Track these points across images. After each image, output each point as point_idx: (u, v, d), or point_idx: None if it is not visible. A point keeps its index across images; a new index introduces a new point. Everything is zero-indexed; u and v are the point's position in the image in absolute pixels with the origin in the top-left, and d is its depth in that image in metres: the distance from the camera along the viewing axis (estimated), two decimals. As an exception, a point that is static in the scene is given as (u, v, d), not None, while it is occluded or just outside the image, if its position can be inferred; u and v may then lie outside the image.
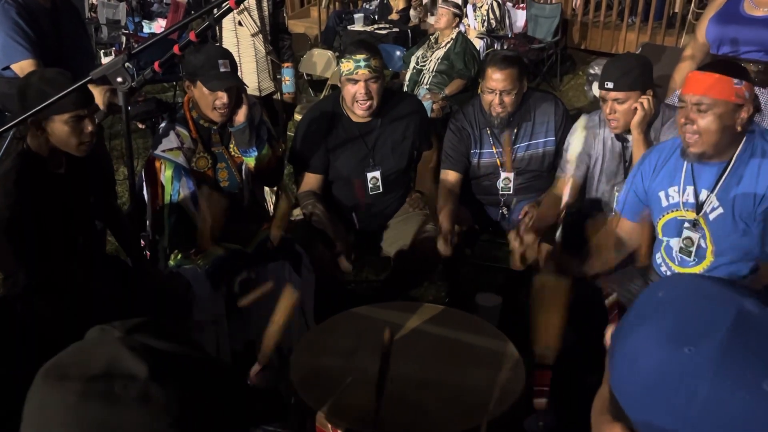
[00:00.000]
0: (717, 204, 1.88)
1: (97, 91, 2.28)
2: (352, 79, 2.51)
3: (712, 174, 1.90)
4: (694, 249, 1.94)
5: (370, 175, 2.69)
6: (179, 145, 2.33)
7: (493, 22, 6.52)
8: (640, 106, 2.25)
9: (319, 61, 5.70)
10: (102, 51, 6.38)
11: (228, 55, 2.31)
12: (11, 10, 2.51)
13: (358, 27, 7.24)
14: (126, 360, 0.72)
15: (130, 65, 1.93)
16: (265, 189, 3.12)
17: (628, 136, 2.39)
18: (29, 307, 1.98)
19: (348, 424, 1.61)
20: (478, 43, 5.36)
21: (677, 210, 1.97)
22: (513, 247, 2.32)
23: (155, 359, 0.73)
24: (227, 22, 3.30)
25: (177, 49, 1.83)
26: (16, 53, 2.51)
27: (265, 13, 3.37)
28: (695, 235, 1.93)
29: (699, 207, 1.92)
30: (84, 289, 2.08)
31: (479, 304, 2.69)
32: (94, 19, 7.57)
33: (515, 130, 2.73)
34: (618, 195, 2.39)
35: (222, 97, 2.26)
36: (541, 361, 1.54)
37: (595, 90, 6.01)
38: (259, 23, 3.35)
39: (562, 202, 2.52)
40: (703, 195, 1.91)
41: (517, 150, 2.75)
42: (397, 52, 6.03)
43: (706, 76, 1.80)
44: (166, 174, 2.32)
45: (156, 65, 1.85)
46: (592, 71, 6.24)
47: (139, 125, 2.67)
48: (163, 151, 2.31)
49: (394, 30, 7.01)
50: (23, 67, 2.47)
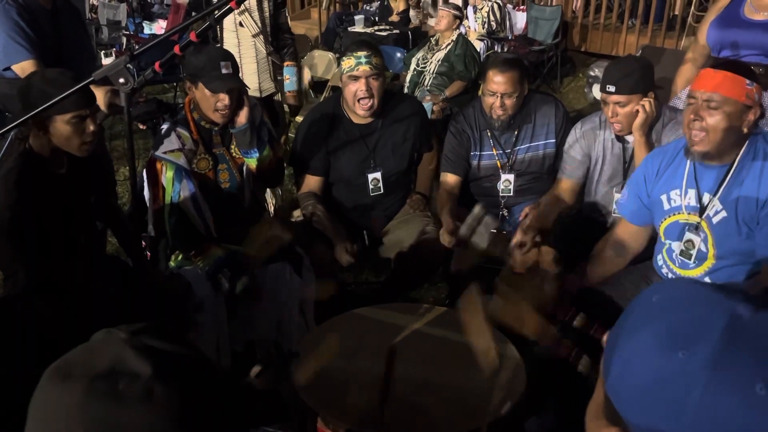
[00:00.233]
0: (720, 207, 1.88)
1: (99, 92, 2.28)
2: (354, 76, 2.51)
3: (714, 177, 1.89)
4: (694, 252, 1.93)
5: (371, 176, 2.70)
6: (180, 147, 2.33)
7: (493, 24, 6.53)
8: (642, 109, 2.25)
9: (320, 62, 5.71)
10: (102, 52, 6.38)
11: (230, 57, 2.31)
12: (12, 10, 2.51)
13: (358, 28, 7.24)
14: (130, 359, 0.73)
15: (131, 66, 1.94)
16: (267, 190, 3.13)
17: (628, 138, 2.39)
18: (29, 307, 1.97)
19: (349, 425, 1.61)
20: (479, 45, 5.38)
21: (679, 213, 1.97)
22: (515, 241, 2.32)
23: (159, 359, 0.74)
24: (228, 22, 3.30)
25: (178, 50, 1.83)
26: (17, 54, 2.50)
27: (266, 14, 3.37)
28: (697, 239, 1.92)
29: (701, 210, 1.92)
30: (84, 289, 2.08)
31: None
32: (95, 19, 7.59)
33: (516, 131, 2.73)
34: (618, 197, 2.40)
35: (224, 98, 2.26)
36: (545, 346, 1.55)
37: (596, 92, 6.02)
38: (260, 24, 3.35)
39: (562, 203, 2.53)
40: (705, 198, 1.91)
41: (518, 152, 2.75)
42: (398, 54, 6.04)
43: (718, 74, 1.79)
44: (167, 175, 2.31)
45: (157, 66, 1.85)
46: (592, 73, 6.25)
47: (140, 126, 2.66)
48: (164, 153, 2.31)
49: (394, 32, 7.02)
50: (24, 67, 2.47)
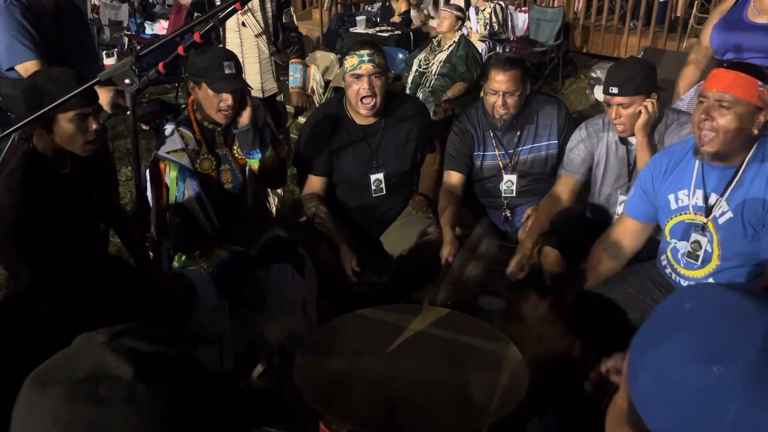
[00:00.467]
0: (726, 208, 1.87)
1: (102, 93, 2.28)
2: (357, 75, 2.51)
3: (722, 178, 1.89)
4: (701, 253, 1.93)
5: (373, 177, 2.70)
6: (183, 147, 2.33)
7: (495, 26, 6.53)
8: (644, 110, 2.25)
9: (322, 63, 5.71)
10: (104, 52, 6.39)
11: (233, 57, 2.31)
12: (15, 10, 2.51)
13: (360, 29, 7.24)
14: (110, 362, 0.72)
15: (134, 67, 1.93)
16: (268, 190, 3.13)
17: (631, 140, 2.39)
18: (32, 307, 1.97)
19: (351, 425, 1.61)
20: (480, 47, 5.38)
21: (686, 213, 1.97)
22: (521, 238, 2.32)
23: (140, 360, 0.73)
24: (231, 22, 3.29)
25: (181, 50, 1.83)
26: (21, 54, 2.51)
27: (269, 14, 3.37)
28: (703, 239, 1.92)
29: (708, 211, 1.91)
30: (85, 290, 2.07)
31: (482, 307, 2.69)
32: (97, 20, 7.60)
33: (518, 132, 2.73)
34: (622, 199, 2.40)
35: (227, 98, 2.26)
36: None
37: (597, 94, 6.02)
38: (262, 24, 3.35)
39: (562, 202, 2.53)
40: (712, 199, 1.90)
41: (520, 152, 2.75)
42: (399, 55, 6.04)
43: (731, 74, 1.78)
44: (170, 175, 2.32)
45: (161, 66, 1.84)
46: (593, 75, 6.25)
47: (143, 126, 2.67)
48: (168, 153, 2.31)
49: (396, 33, 7.01)
50: (28, 67, 2.47)
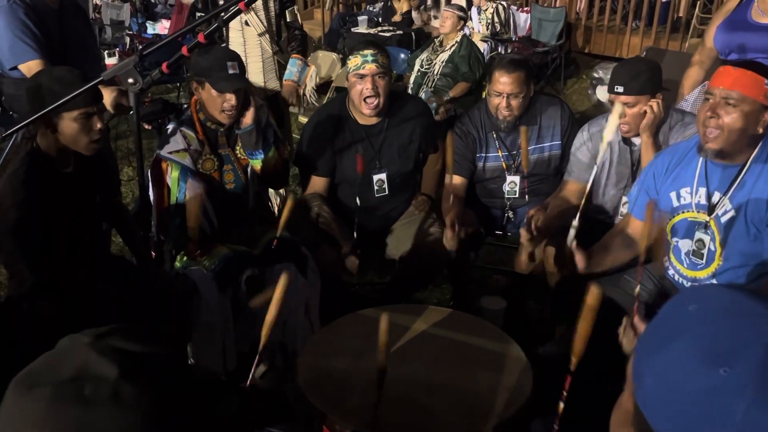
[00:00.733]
0: (729, 207, 1.87)
1: (105, 92, 2.28)
2: (360, 75, 2.51)
3: (725, 176, 1.89)
4: (706, 252, 1.93)
5: (376, 177, 2.69)
6: (186, 147, 2.33)
7: (497, 26, 6.53)
8: (650, 110, 2.25)
9: (324, 63, 5.71)
10: (106, 52, 6.40)
11: (236, 57, 2.31)
12: (19, 10, 2.51)
13: (361, 29, 7.24)
14: (95, 363, 0.72)
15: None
16: (270, 191, 3.13)
17: (635, 140, 2.39)
18: (34, 307, 1.97)
19: (354, 426, 1.61)
20: (482, 47, 5.37)
21: (689, 211, 1.96)
22: (523, 240, 2.31)
23: (126, 360, 0.73)
24: (234, 21, 3.29)
25: (185, 51, 1.83)
26: (24, 53, 2.51)
27: (272, 13, 3.37)
28: (707, 238, 1.92)
29: (711, 209, 1.91)
30: (85, 289, 2.07)
31: (484, 307, 2.70)
32: (98, 19, 7.60)
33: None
34: (625, 199, 2.39)
35: (230, 98, 2.26)
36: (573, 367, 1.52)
37: (599, 94, 6.02)
38: (265, 23, 3.35)
39: (571, 205, 2.52)
40: (715, 197, 1.90)
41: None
42: (401, 55, 6.03)
43: (738, 72, 1.78)
44: (172, 175, 2.31)
45: (164, 66, 1.85)
46: (596, 75, 6.25)
47: (146, 126, 2.67)
48: (170, 153, 2.31)
49: (397, 33, 7.01)
50: (31, 67, 2.47)
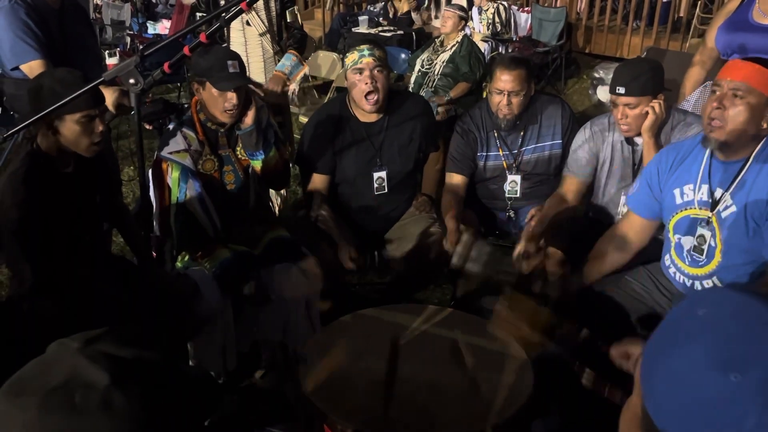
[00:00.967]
0: (730, 203, 1.87)
1: (107, 92, 2.28)
2: (358, 69, 2.52)
3: (728, 173, 1.88)
4: (706, 247, 1.92)
5: (376, 175, 2.69)
6: (186, 147, 2.32)
7: (498, 26, 6.53)
8: (651, 111, 2.24)
9: (324, 63, 5.70)
10: (106, 52, 6.39)
11: (237, 57, 2.31)
12: (20, 10, 2.51)
13: (362, 29, 7.24)
14: (85, 369, 0.72)
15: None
16: (270, 191, 3.13)
17: (637, 140, 2.38)
18: (35, 307, 1.97)
19: (355, 426, 1.61)
20: (483, 47, 5.37)
21: (691, 208, 1.96)
22: (518, 250, 2.33)
23: (116, 366, 0.72)
24: (235, 22, 3.29)
25: (187, 51, 1.83)
26: (26, 53, 2.51)
27: (273, 13, 3.37)
28: (708, 233, 1.92)
29: (713, 205, 1.91)
30: (86, 289, 2.07)
31: (485, 308, 2.69)
32: (99, 19, 7.61)
33: (522, 132, 2.73)
34: (626, 199, 2.39)
35: (231, 97, 2.25)
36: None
37: (600, 94, 6.02)
38: (266, 23, 3.35)
39: (567, 203, 2.52)
40: (717, 193, 1.90)
41: (524, 152, 2.75)
42: (402, 55, 6.03)
43: (747, 65, 1.79)
44: (172, 176, 2.31)
45: (166, 66, 1.84)
46: (596, 75, 6.25)
47: (147, 126, 2.67)
48: (170, 153, 2.31)
49: (398, 32, 7.01)
50: (32, 67, 2.47)
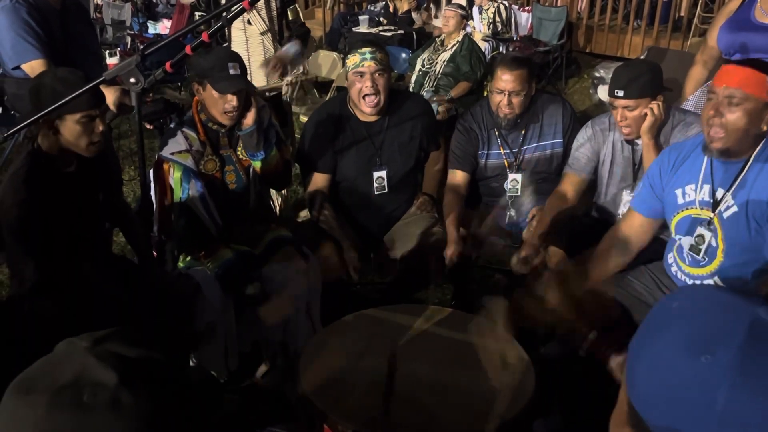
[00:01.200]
0: (732, 202, 1.87)
1: (108, 92, 2.28)
2: (359, 73, 2.51)
3: (729, 173, 1.88)
4: (704, 247, 1.92)
5: (376, 174, 2.69)
6: (187, 148, 2.32)
7: (499, 25, 6.52)
8: (650, 112, 2.24)
9: (324, 62, 5.70)
10: (107, 51, 6.39)
11: (237, 58, 2.30)
12: (22, 9, 2.52)
13: (363, 29, 7.25)
14: (94, 369, 0.72)
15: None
16: (271, 190, 3.13)
17: (637, 140, 2.38)
18: (36, 306, 1.97)
19: (356, 426, 1.61)
20: (483, 46, 5.36)
21: (692, 208, 1.96)
22: (520, 254, 2.34)
23: (125, 366, 0.72)
24: (236, 21, 3.29)
25: (189, 50, 1.83)
26: (27, 53, 2.51)
27: (274, 12, 3.37)
28: (707, 233, 1.91)
29: (714, 205, 1.91)
30: (86, 289, 2.07)
31: (486, 307, 2.68)
32: (100, 19, 7.61)
33: (523, 131, 2.73)
34: (628, 199, 2.39)
35: (231, 100, 2.25)
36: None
37: (601, 93, 6.01)
38: (267, 22, 3.34)
39: (567, 200, 2.52)
40: (719, 193, 1.90)
41: (525, 151, 2.75)
42: (402, 55, 6.03)
43: (741, 70, 1.77)
44: (174, 176, 2.31)
45: (168, 66, 1.84)
46: (597, 74, 6.25)
47: (147, 126, 2.66)
48: (171, 154, 2.31)
49: (399, 32, 7.01)
50: (34, 66, 2.48)
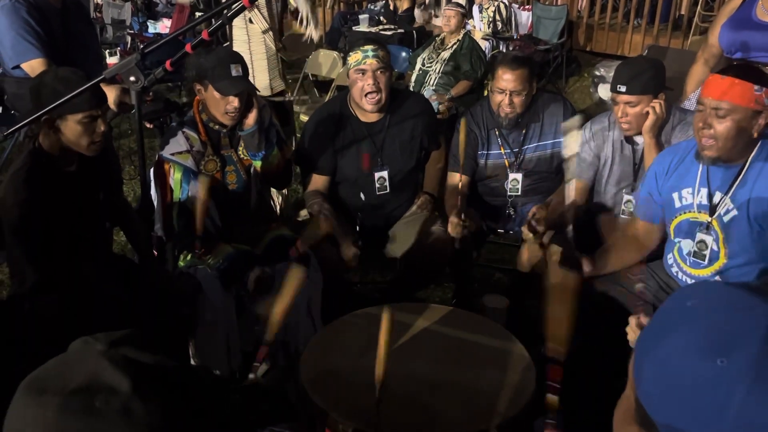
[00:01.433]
0: (731, 206, 1.88)
1: (109, 91, 2.28)
2: (361, 70, 2.51)
3: (726, 176, 1.89)
4: (708, 252, 1.93)
5: (377, 174, 2.69)
6: (188, 148, 2.32)
7: (499, 24, 6.52)
8: (652, 111, 2.24)
9: (325, 61, 5.68)
10: (107, 51, 6.39)
11: (240, 59, 2.29)
12: (22, 9, 2.52)
13: (363, 28, 7.24)
14: (108, 373, 0.71)
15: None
16: (272, 190, 3.13)
17: (637, 139, 2.38)
18: (36, 306, 1.97)
19: (357, 424, 1.61)
20: (484, 45, 5.36)
21: (690, 211, 1.97)
22: (525, 236, 2.31)
23: (138, 373, 0.72)
24: (237, 19, 3.28)
25: (189, 48, 1.83)
26: (27, 52, 2.51)
27: (275, 10, 3.37)
28: (709, 238, 1.92)
29: (712, 209, 1.92)
30: (87, 288, 2.07)
31: (486, 306, 2.69)
32: (100, 19, 7.61)
33: (524, 130, 2.72)
34: (627, 198, 2.39)
35: (233, 101, 2.24)
36: (552, 355, 1.52)
37: (601, 92, 6.01)
38: (269, 20, 3.34)
39: (567, 202, 2.52)
40: (717, 197, 1.91)
41: (526, 151, 2.74)
42: (403, 54, 6.02)
43: (726, 81, 1.77)
44: (175, 177, 2.31)
45: (168, 64, 1.84)
46: (597, 73, 6.24)
47: (147, 125, 2.66)
48: (172, 154, 2.31)
49: (399, 31, 7.01)
50: (34, 66, 2.48)
